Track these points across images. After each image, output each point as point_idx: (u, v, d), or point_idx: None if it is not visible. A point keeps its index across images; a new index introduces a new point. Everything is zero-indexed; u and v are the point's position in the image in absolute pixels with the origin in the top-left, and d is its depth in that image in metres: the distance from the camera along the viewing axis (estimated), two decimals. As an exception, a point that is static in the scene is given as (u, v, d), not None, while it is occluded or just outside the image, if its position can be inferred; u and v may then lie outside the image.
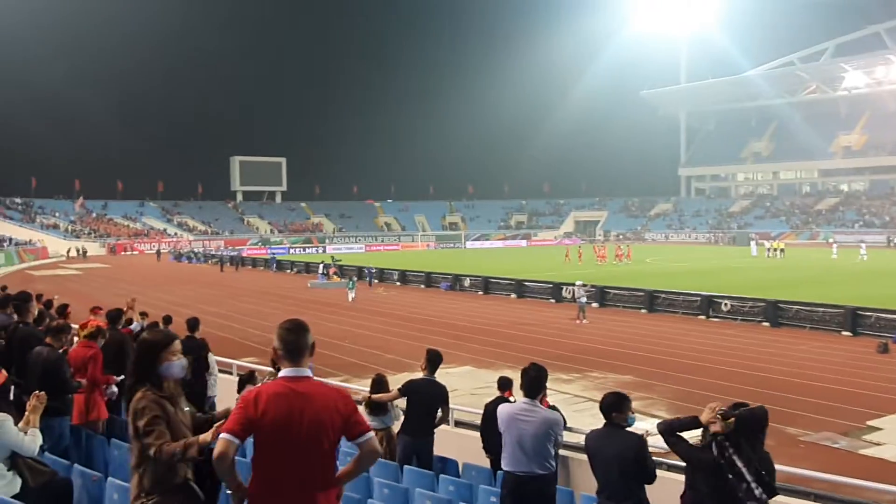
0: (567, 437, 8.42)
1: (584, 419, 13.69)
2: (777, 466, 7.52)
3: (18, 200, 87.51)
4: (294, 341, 3.68)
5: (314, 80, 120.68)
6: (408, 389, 8.13)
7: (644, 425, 10.20)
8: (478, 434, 8.81)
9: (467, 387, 16.99)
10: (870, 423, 13.27)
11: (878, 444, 12.21)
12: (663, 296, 29.07)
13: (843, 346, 21.37)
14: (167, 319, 11.25)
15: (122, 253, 78.49)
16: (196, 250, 74.53)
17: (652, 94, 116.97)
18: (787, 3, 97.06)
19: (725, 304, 26.61)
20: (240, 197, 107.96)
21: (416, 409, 8.07)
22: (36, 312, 7.39)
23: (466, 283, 39.49)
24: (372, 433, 3.68)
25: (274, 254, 66.58)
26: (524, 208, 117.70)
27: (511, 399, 7.80)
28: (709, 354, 20.31)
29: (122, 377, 8.23)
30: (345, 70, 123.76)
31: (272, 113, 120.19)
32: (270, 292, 39.92)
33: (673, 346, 21.90)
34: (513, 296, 35.75)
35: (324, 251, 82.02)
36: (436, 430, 8.29)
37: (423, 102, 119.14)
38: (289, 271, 54.29)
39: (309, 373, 3.69)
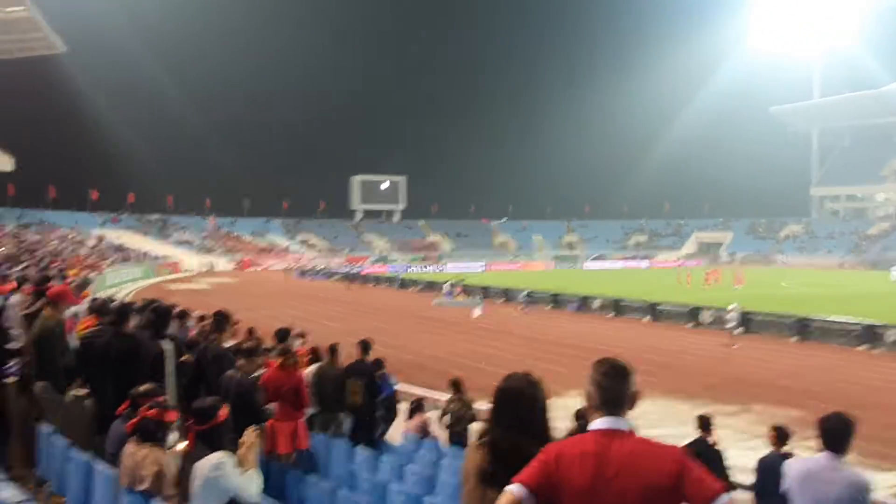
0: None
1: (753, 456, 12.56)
2: None
3: (155, 217, 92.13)
4: (613, 388, 3.03)
5: (435, 99, 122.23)
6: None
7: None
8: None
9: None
10: None
11: None
12: (817, 323, 27.09)
13: None
14: (332, 349, 10.91)
15: (249, 269, 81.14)
16: (319, 267, 76.13)
17: (781, 110, 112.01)
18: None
19: (891, 335, 24.48)
20: (359, 215, 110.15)
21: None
22: (231, 333, 7.01)
23: (596, 304, 38.29)
24: (727, 496, 2.86)
25: (397, 272, 67.16)
26: (643, 228, 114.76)
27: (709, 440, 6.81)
28: (874, 388, 18.58)
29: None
30: (466, 90, 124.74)
31: (393, 132, 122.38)
32: (396, 311, 39.91)
33: (835, 378, 20.18)
34: (647, 318, 34.33)
35: (443, 269, 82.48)
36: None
37: (541, 121, 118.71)
38: (412, 289, 54.47)
39: (629, 426, 3.01)
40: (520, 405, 3.47)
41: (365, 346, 9.05)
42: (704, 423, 6.94)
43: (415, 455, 8.27)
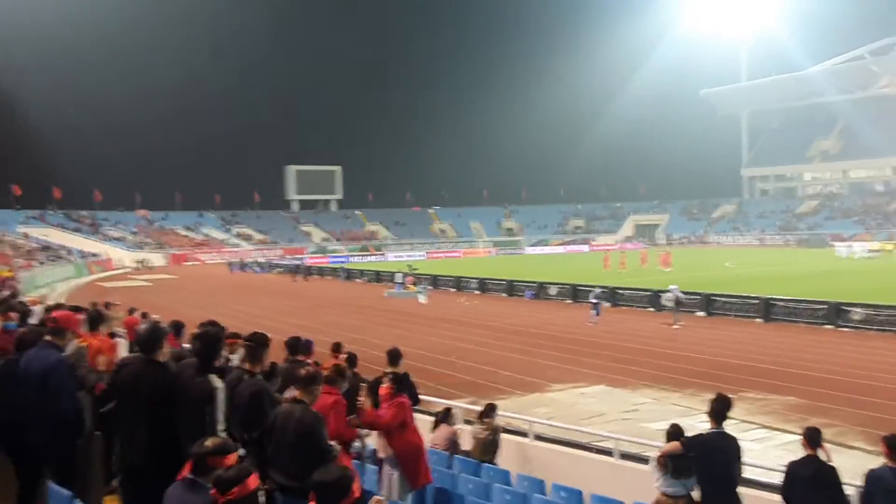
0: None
1: (773, 452, 12.03)
2: None
3: (84, 213, 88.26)
4: None
5: (365, 87, 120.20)
6: (695, 445, 6.29)
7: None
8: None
9: (614, 410, 15.39)
10: None
11: None
12: (782, 303, 27.07)
13: None
14: (336, 347, 9.86)
15: (186, 263, 78.41)
16: (259, 260, 74.00)
17: (711, 93, 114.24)
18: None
19: (857, 313, 24.53)
20: (295, 206, 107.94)
21: (709, 471, 6.24)
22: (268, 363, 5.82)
23: (553, 290, 37.79)
24: None
25: (340, 262, 65.69)
26: (581, 212, 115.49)
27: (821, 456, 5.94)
28: (866, 371, 18.35)
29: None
30: (395, 77, 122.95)
31: (326, 121, 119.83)
32: (349, 303, 38.71)
33: (815, 360, 19.97)
34: (606, 305, 33.93)
35: (383, 259, 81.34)
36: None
37: (474, 107, 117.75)
38: (359, 280, 53.19)
39: None
40: None
41: (348, 358, 8.12)
42: (814, 439, 5.99)
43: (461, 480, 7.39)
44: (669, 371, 19.00)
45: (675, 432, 6.45)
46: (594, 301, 28.72)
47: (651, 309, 31.44)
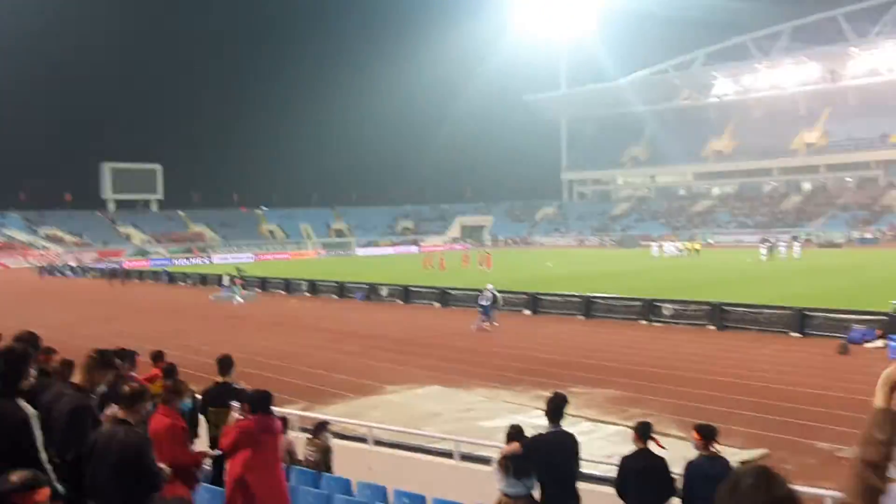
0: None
1: (598, 444, 12.64)
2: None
3: None
4: None
5: (188, 83, 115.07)
6: (534, 446, 6.40)
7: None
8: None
9: (449, 410, 15.59)
10: (893, 432, 12.80)
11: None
12: (601, 301, 28.60)
13: (800, 348, 21.35)
14: (157, 355, 9.27)
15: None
16: (71, 264, 68.97)
17: (533, 99, 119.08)
18: (657, 13, 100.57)
19: (667, 308, 26.34)
20: (112, 206, 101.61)
21: (548, 470, 6.38)
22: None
23: (384, 291, 37.87)
24: None
25: (165, 266, 62.50)
26: (409, 214, 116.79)
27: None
28: (677, 362, 19.71)
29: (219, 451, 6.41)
30: (220, 74, 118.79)
31: (146, 116, 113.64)
32: (173, 308, 36.93)
33: (632, 354, 21.24)
34: (437, 305, 34.48)
35: (209, 261, 78.41)
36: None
37: (302, 106, 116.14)
38: (182, 284, 50.86)
39: None
40: None
41: (223, 364, 7.61)
42: (645, 433, 6.31)
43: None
44: (499, 369, 19.52)
45: (515, 433, 6.59)
46: (484, 304, 26.38)
47: (480, 308, 32.15)
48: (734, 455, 10.79)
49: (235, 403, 6.61)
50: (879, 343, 20.65)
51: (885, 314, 21.45)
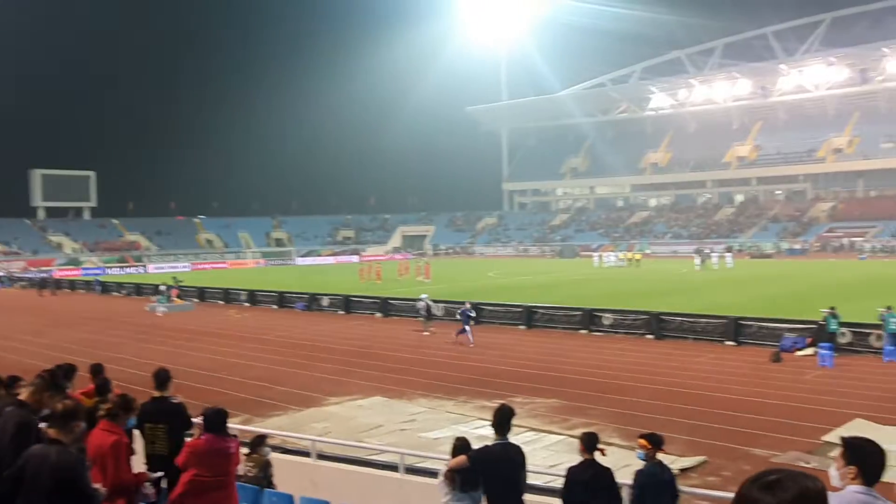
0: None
1: (541, 454, 12.71)
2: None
3: None
4: None
5: (123, 89, 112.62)
6: (482, 458, 6.31)
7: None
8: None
9: (392, 421, 15.48)
10: (824, 438, 13.21)
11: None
12: (542, 311, 28.83)
13: (734, 356, 21.85)
14: (97, 369, 8.95)
15: None
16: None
17: (475, 110, 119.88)
18: (596, 27, 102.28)
19: (607, 318, 26.70)
20: (42, 214, 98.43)
21: (496, 482, 6.31)
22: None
23: (325, 302, 37.53)
24: None
25: (95, 275, 60.77)
26: (350, 223, 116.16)
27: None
28: (617, 371, 19.98)
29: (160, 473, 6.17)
30: (154, 80, 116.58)
31: (78, 122, 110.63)
32: (106, 319, 35.93)
33: (573, 363, 21.46)
34: (378, 315, 34.32)
35: (144, 271, 76.64)
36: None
37: (242, 114, 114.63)
38: (117, 294, 49.54)
39: None
40: None
41: (160, 378, 7.36)
42: (591, 444, 6.33)
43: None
44: (441, 379, 19.50)
45: (461, 446, 6.55)
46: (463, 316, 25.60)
47: (422, 319, 32.11)
48: (673, 462, 10.95)
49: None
50: (809, 351, 21.31)
51: (815, 323, 22.11)
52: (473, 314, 26.61)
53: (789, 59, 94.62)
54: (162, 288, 40.97)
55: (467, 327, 24.94)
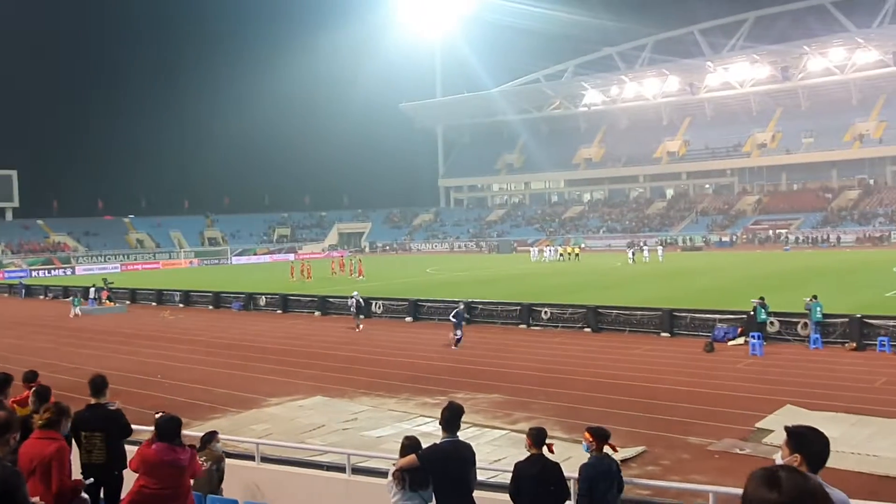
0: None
1: (484, 449, 12.77)
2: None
3: None
4: None
5: (45, 83, 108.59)
6: (431, 457, 6.24)
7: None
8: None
9: (334, 420, 15.36)
10: (758, 425, 13.61)
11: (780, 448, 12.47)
12: (481, 306, 28.97)
13: (669, 347, 22.37)
14: (30, 376, 8.63)
15: None
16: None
17: (410, 106, 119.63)
18: (529, 25, 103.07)
19: (546, 312, 27.00)
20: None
21: (445, 481, 6.27)
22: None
23: (262, 301, 37.03)
24: None
25: (21, 278, 58.64)
26: (286, 221, 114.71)
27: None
28: (557, 365, 20.23)
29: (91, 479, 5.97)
30: (79, 74, 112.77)
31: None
32: (32, 323, 34.74)
33: (514, 358, 21.62)
34: (317, 313, 34.02)
35: (72, 273, 74.34)
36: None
37: (172, 109, 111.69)
38: (42, 297, 47.92)
39: None
40: None
41: (96, 384, 7.11)
42: (539, 439, 6.37)
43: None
44: (382, 377, 19.45)
45: (410, 445, 6.52)
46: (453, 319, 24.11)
47: (362, 316, 31.97)
48: (614, 453, 11.13)
49: None
50: (741, 340, 21.96)
51: (745, 313, 22.77)
52: (467, 316, 26.00)
53: (716, 56, 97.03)
54: (92, 291, 39.80)
55: (459, 331, 23.72)
